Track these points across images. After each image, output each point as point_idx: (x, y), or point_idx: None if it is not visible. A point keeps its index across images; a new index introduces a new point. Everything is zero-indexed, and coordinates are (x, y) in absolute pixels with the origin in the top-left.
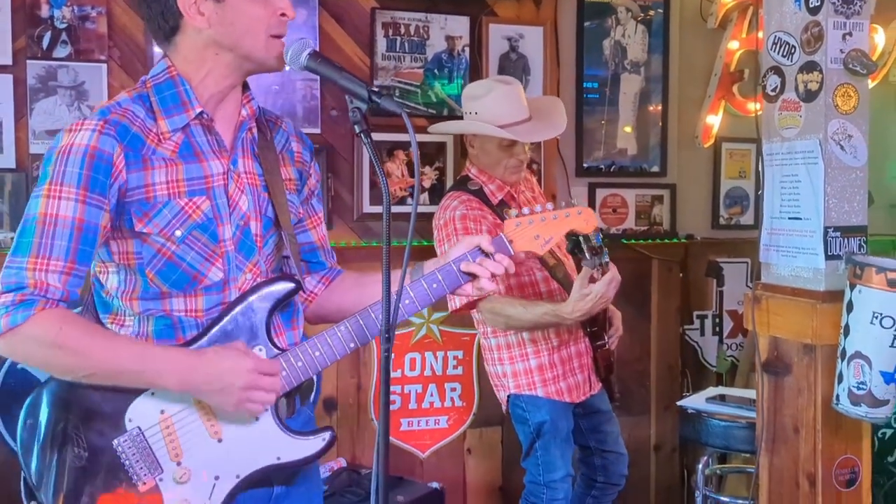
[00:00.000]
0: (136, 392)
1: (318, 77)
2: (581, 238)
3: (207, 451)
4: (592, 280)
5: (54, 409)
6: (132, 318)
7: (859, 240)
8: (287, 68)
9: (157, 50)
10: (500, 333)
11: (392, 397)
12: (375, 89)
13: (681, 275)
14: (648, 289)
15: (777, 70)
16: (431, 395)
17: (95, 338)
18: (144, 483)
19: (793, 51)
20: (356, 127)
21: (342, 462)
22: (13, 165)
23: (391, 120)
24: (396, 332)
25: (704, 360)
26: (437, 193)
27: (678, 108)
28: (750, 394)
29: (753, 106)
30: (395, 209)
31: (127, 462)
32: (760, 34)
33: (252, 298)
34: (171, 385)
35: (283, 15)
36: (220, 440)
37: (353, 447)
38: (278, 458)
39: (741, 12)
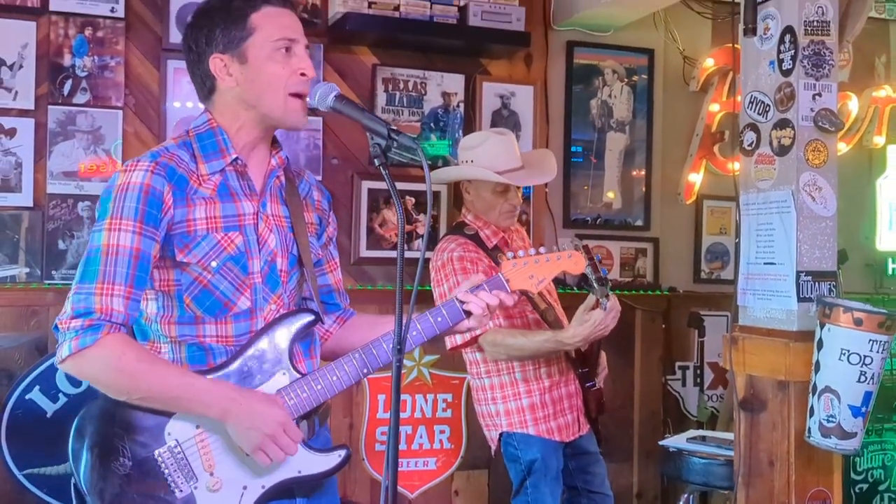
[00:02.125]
0: None
1: (321, 128)
2: (588, 269)
3: (236, 463)
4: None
5: (102, 423)
6: (167, 345)
7: (829, 284)
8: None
9: (171, 101)
10: (494, 373)
11: (383, 438)
12: (394, 128)
13: (663, 326)
14: (632, 338)
15: (753, 127)
16: (421, 436)
17: (152, 365)
18: (182, 491)
19: (767, 109)
20: (376, 161)
21: None
22: (30, 204)
23: (392, 170)
24: (388, 375)
25: (686, 409)
26: (431, 240)
27: (661, 165)
28: (729, 436)
29: (733, 166)
30: (392, 254)
31: (167, 471)
32: (739, 98)
33: (277, 327)
34: (212, 415)
35: (302, 74)
36: (248, 454)
37: (345, 486)
38: (299, 472)
39: (721, 77)
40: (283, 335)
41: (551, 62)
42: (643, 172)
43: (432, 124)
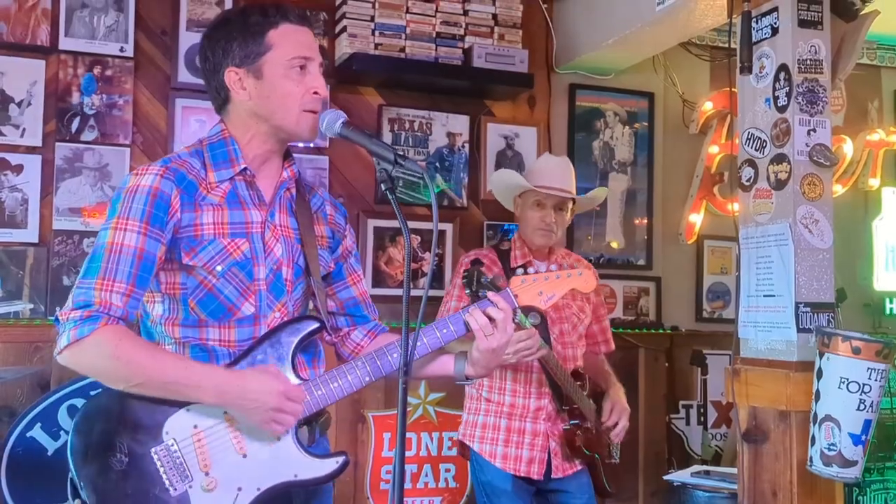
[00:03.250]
0: (174, 408)
1: (327, 166)
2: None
3: (232, 464)
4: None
5: (102, 419)
6: (171, 346)
7: (828, 315)
8: (317, 138)
9: (179, 139)
10: (473, 385)
11: (387, 476)
12: (401, 153)
13: (667, 364)
14: (636, 377)
15: (751, 162)
16: (426, 475)
17: (147, 352)
18: (176, 489)
19: (764, 145)
20: (382, 185)
21: None
22: (36, 240)
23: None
24: (393, 412)
25: (690, 448)
26: (436, 278)
27: (663, 206)
28: (733, 470)
29: (733, 206)
30: (397, 292)
31: (162, 469)
32: (738, 140)
33: (280, 333)
34: (208, 398)
35: (315, 93)
36: (244, 455)
37: None
38: (296, 476)
39: (720, 120)
40: (286, 341)
41: (554, 104)
42: (645, 213)
43: (437, 164)
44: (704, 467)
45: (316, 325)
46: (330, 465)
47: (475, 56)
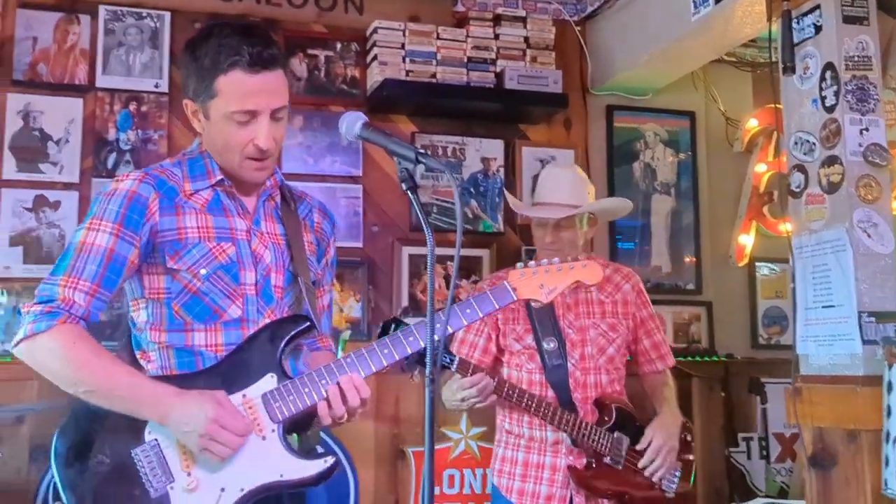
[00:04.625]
0: None
1: (360, 195)
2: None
3: (215, 464)
4: None
5: (85, 420)
6: (155, 352)
7: (895, 325)
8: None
9: None
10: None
11: None
12: (422, 151)
13: (723, 394)
14: (691, 407)
15: (800, 167)
16: None
17: (100, 360)
18: (156, 490)
19: (813, 148)
20: (403, 185)
21: None
22: None
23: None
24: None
25: (752, 484)
26: None
27: (710, 227)
28: (801, 502)
29: (785, 227)
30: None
31: (142, 470)
32: (785, 158)
33: (269, 331)
34: (152, 417)
35: (256, 146)
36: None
37: None
38: (281, 476)
39: (766, 137)
40: (274, 339)
41: (591, 126)
42: (692, 235)
43: (472, 189)
44: (769, 500)
45: (305, 324)
46: (318, 465)
47: (507, 78)
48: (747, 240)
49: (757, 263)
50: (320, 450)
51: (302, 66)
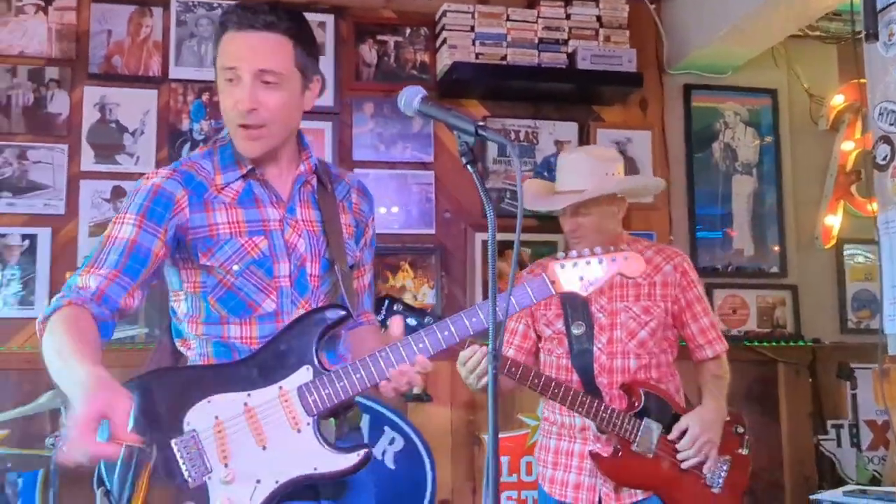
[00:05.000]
0: (196, 399)
1: (432, 181)
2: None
3: (252, 456)
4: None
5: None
6: (195, 341)
7: None
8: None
9: None
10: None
11: (509, 503)
12: (481, 123)
13: (810, 380)
14: (776, 394)
15: (886, 139)
16: None
17: (68, 339)
18: (195, 480)
19: None
20: (463, 158)
21: None
22: None
23: (501, 221)
24: (511, 435)
25: (843, 473)
26: None
27: (794, 208)
28: (893, 489)
29: (873, 207)
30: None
31: (181, 460)
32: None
33: (305, 322)
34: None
35: (237, 106)
36: (264, 447)
37: None
38: (315, 469)
39: (853, 113)
40: (310, 331)
41: (668, 106)
42: (775, 217)
43: (545, 173)
44: (859, 486)
45: (341, 313)
46: (351, 458)
47: (579, 59)
48: (834, 221)
49: (845, 245)
50: (354, 441)
51: (371, 53)
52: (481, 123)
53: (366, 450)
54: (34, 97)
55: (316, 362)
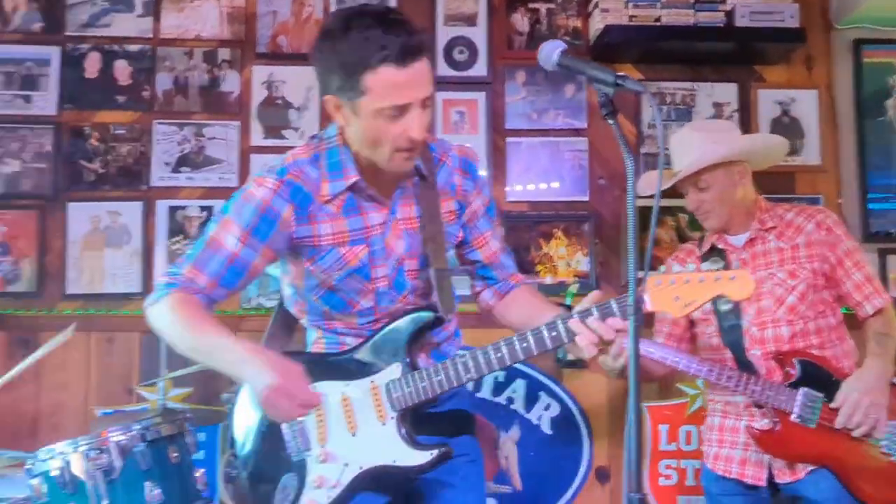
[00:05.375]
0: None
1: (586, 147)
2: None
3: (343, 441)
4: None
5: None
6: (305, 319)
7: None
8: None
9: (439, 133)
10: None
11: (668, 472)
12: (621, 74)
13: None
14: None
15: None
16: None
17: (199, 322)
18: (297, 456)
19: None
20: (603, 110)
21: None
22: None
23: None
24: (670, 403)
25: None
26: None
27: None
28: None
29: None
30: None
31: (289, 436)
32: None
33: (398, 322)
34: (233, 375)
35: (408, 138)
36: (354, 434)
37: None
38: (394, 461)
39: None
40: (403, 329)
41: (836, 64)
42: None
43: None
44: None
45: (431, 316)
46: (425, 456)
47: (738, 16)
48: None
49: None
50: (437, 440)
51: (523, 21)
52: (621, 74)
53: (441, 449)
54: (209, 77)
55: (406, 361)
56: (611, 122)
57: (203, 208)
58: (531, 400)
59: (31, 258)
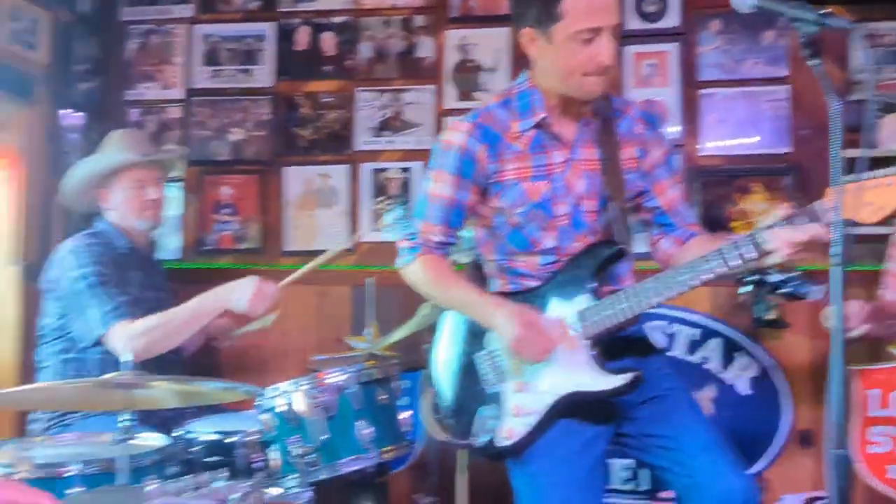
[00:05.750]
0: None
1: (788, 96)
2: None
3: (537, 370)
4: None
5: (446, 331)
6: (491, 266)
7: None
8: None
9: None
10: None
11: (877, 439)
12: (825, 11)
13: None
14: None
15: None
16: None
17: (445, 280)
18: (492, 387)
19: None
20: (806, 50)
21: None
22: None
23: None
24: (881, 367)
25: None
26: None
27: None
28: None
29: None
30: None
31: (482, 370)
32: None
33: (582, 256)
34: (481, 322)
35: (600, 64)
36: (547, 364)
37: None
38: (588, 387)
39: None
40: (589, 263)
41: None
42: None
43: None
44: None
45: (615, 249)
46: (618, 380)
47: None
48: None
49: None
50: (626, 365)
51: None
52: (825, 11)
53: (632, 374)
54: (405, 44)
55: (593, 291)
56: (813, 62)
57: (403, 170)
58: (727, 360)
59: (255, 218)
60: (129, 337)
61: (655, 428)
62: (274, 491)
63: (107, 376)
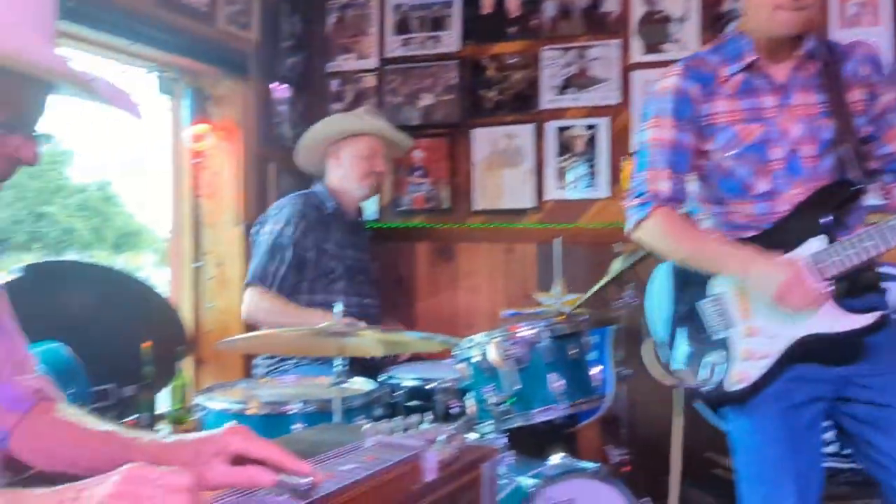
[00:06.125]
0: None
1: None
2: None
3: (769, 313)
4: None
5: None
6: (707, 219)
7: None
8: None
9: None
10: None
11: None
12: None
13: None
14: None
15: None
16: None
17: (689, 233)
18: (717, 333)
19: None
20: None
21: None
22: None
23: None
24: None
25: None
26: None
27: None
28: None
29: None
30: None
31: (708, 316)
32: None
33: (813, 199)
34: (736, 273)
35: None
36: (778, 307)
37: None
38: (829, 329)
39: None
40: (818, 206)
41: None
42: None
43: None
44: None
45: (848, 189)
46: (860, 320)
47: None
48: None
49: None
50: (870, 303)
51: None
52: None
53: (879, 312)
54: (590, 0)
55: (828, 233)
56: None
57: (588, 127)
58: None
59: (445, 179)
60: (253, 302)
61: (875, 435)
62: (472, 435)
63: (322, 325)
